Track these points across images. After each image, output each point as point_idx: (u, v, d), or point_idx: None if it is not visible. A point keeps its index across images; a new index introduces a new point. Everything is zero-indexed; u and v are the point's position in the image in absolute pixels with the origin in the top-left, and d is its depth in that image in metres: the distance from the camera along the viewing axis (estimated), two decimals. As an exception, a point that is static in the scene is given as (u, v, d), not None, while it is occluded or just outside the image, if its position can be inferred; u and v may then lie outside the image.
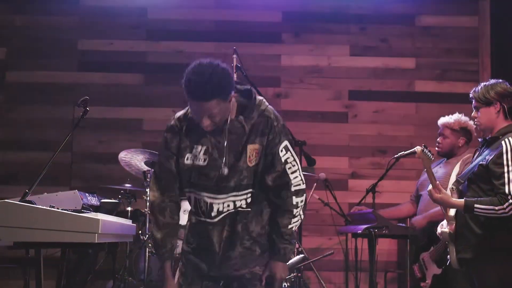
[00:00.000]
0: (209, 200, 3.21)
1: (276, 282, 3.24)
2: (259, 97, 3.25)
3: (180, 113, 3.28)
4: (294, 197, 3.21)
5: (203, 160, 3.18)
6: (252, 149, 3.17)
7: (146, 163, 5.85)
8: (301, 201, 3.23)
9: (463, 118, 5.26)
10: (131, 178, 6.07)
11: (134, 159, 5.86)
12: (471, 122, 4.75)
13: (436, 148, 5.33)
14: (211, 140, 3.17)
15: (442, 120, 5.35)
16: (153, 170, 3.30)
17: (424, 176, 5.43)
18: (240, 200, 3.20)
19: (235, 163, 3.16)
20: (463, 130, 5.27)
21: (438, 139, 5.34)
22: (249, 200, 3.21)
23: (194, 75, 3.01)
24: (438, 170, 5.16)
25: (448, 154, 5.29)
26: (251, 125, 3.17)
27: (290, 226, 3.21)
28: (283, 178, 3.20)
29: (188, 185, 3.25)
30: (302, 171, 3.33)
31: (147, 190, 5.72)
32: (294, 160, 3.22)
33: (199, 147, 3.18)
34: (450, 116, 5.34)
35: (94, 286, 5.75)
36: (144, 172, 5.79)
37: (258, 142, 3.17)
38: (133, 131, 6.86)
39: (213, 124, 3.08)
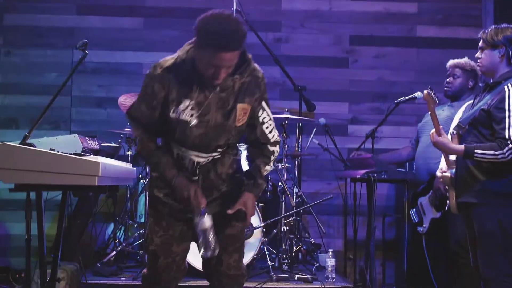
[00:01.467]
0: (196, 159, 3.21)
1: (248, 213, 3.23)
2: (249, 55, 3.19)
3: (167, 62, 3.12)
4: (269, 147, 3.30)
5: (189, 115, 3.11)
6: (241, 108, 3.16)
7: (146, 108, 5.84)
8: (277, 151, 3.34)
9: (472, 61, 5.15)
10: (131, 123, 6.08)
11: (134, 103, 5.84)
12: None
13: (445, 88, 5.26)
14: (199, 96, 3.09)
15: (452, 62, 5.27)
16: (129, 113, 3.28)
17: (425, 119, 5.42)
18: (220, 153, 3.26)
19: (223, 122, 3.14)
20: (473, 72, 5.18)
21: (447, 80, 5.25)
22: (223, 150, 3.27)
23: (220, 25, 2.89)
24: (441, 113, 5.12)
25: (456, 95, 5.22)
26: (241, 84, 3.14)
27: (266, 169, 3.32)
28: (262, 135, 3.29)
29: (172, 140, 3.20)
30: (302, 116, 3.36)
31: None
32: (270, 119, 3.30)
33: (187, 102, 3.09)
34: (460, 59, 5.27)
35: (95, 229, 5.81)
36: (144, 116, 5.78)
37: (247, 102, 3.17)
38: (133, 75, 6.82)
39: (221, 79, 3.03)
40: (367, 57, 7.02)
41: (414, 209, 5.17)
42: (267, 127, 3.28)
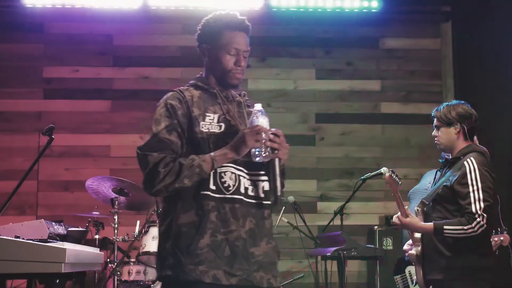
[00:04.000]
0: (237, 172, 2.89)
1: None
2: None
3: (179, 88, 2.99)
4: None
5: (218, 128, 2.90)
6: None
7: (113, 190, 5.81)
8: None
9: None
10: (98, 206, 6.02)
11: (102, 186, 5.81)
12: None
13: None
14: (222, 108, 2.96)
15: None
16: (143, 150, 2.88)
17: (416, 186, 5.33)
18: (263, 184, 2.97)
19: None
20: None
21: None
22: (266, 188, 2.97)
23: (225, 11, 2.99)
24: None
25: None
26: (245, 104, 3.13)
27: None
28: None
29: None
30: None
31: (115, 217, 5.68)
32: None
33: (211, 115, 2.91)
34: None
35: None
36: (112, 199, 5.75)
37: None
38: (100, 158, 6.81)
39: (242, 72, 3.02)
40: (334, 134, 7.11)
41: (400, 276, 5.13)
42: None
